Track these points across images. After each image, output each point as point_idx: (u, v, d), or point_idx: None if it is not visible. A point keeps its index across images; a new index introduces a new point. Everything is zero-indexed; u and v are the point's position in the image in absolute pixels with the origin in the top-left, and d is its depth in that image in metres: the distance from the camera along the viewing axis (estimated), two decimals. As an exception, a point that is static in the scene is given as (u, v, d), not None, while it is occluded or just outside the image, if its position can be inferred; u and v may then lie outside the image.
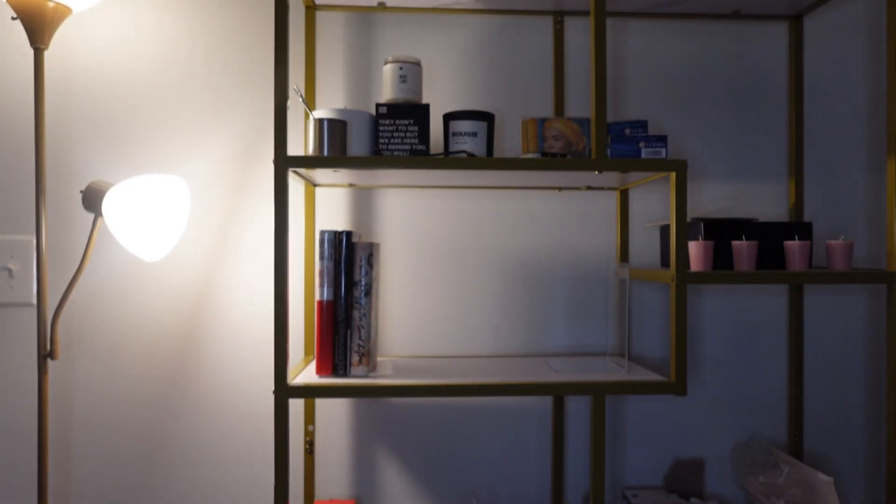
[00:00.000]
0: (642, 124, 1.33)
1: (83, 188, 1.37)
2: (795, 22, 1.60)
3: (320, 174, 1.33)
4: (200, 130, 1.54)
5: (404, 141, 1.29)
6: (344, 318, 1.27)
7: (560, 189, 1.59)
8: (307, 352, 1.52)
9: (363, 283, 1.27)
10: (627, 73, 1.61)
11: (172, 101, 1.53)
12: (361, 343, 1.28)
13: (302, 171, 1.26)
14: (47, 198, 1.47)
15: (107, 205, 1.32)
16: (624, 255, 1.58)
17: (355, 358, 1.28)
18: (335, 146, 1.25)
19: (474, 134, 1.31)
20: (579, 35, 1.60)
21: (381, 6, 1.53)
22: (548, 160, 1.24)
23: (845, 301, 1.64)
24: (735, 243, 1.36)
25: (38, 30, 1.30)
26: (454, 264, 1.58)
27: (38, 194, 1.33)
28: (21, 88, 1.51)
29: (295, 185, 1.53)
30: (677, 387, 1.25)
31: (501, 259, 1.59)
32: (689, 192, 1.61)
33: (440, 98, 1.58)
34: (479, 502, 1.58)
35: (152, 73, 1.53)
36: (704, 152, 1.62)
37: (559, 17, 1.58)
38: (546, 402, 1.59)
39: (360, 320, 1.27)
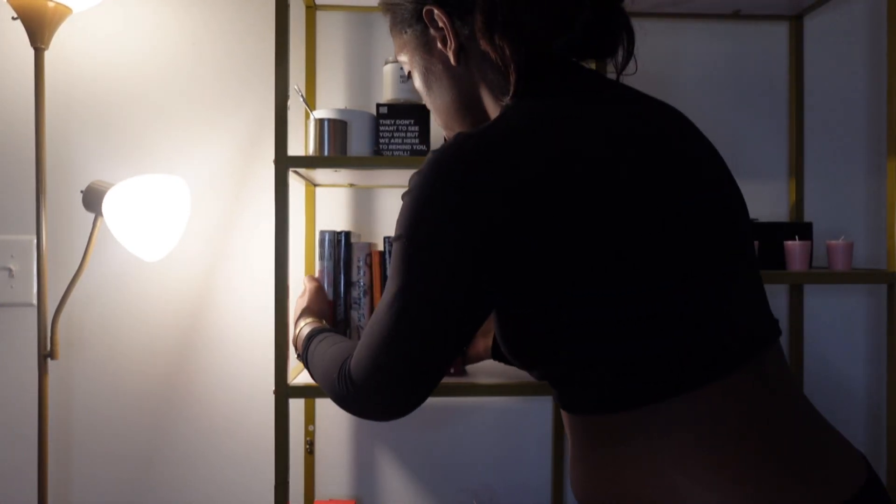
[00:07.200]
0: (642, 124, 1.33)
1: (83, 188, 1.36)
2: (795, 22, 1.60)
3: (320, 174, 1.33)
4: (201, 130, 1.53)
5: (405, 141, 1.29)
6: (343, 319, 1.27)
7: (560, 189, 1.58)
8: (307, 352, 1.52)
9: (361, 283, 1.27)
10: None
11: (173, 101, 1.53)
12: (361, 343, 1.28)
13: (302, 171, 1.26)
14: (47, 198, 1.47)
15: (107, 205, 1.32)
16: (624, 255, 1.57)
17: (355, 358, 1.28)
18: (335, 146, 1.25)
19: (474, 134, 1.30)
20: (579, 35, 1.60)
21: (382, 6, 1.53)
22: (548, 160, 1.24)
23: (845, 301, 1.64)
24: (735, 243, 1.35)
25: (38, 30, 1.30)
26: (454, 264, 1.58)
27: (38, 194, 1.33)
28: (21, 88, 1.51)
29: (295, 185, 1.53)
30: (677, 387, 1.24)
31: (501, 259, 1.58)
32: (689, 192, 1.60)
33: (440, 98, 1.57)
34: (478, 502, 1.58)
35: (153, 73, 1.53)
36: (704, 152, 1.61)
37: (559, 17, 1.58)
38: (546, 402, 1.59)
39: (359, 321, 1.27)
